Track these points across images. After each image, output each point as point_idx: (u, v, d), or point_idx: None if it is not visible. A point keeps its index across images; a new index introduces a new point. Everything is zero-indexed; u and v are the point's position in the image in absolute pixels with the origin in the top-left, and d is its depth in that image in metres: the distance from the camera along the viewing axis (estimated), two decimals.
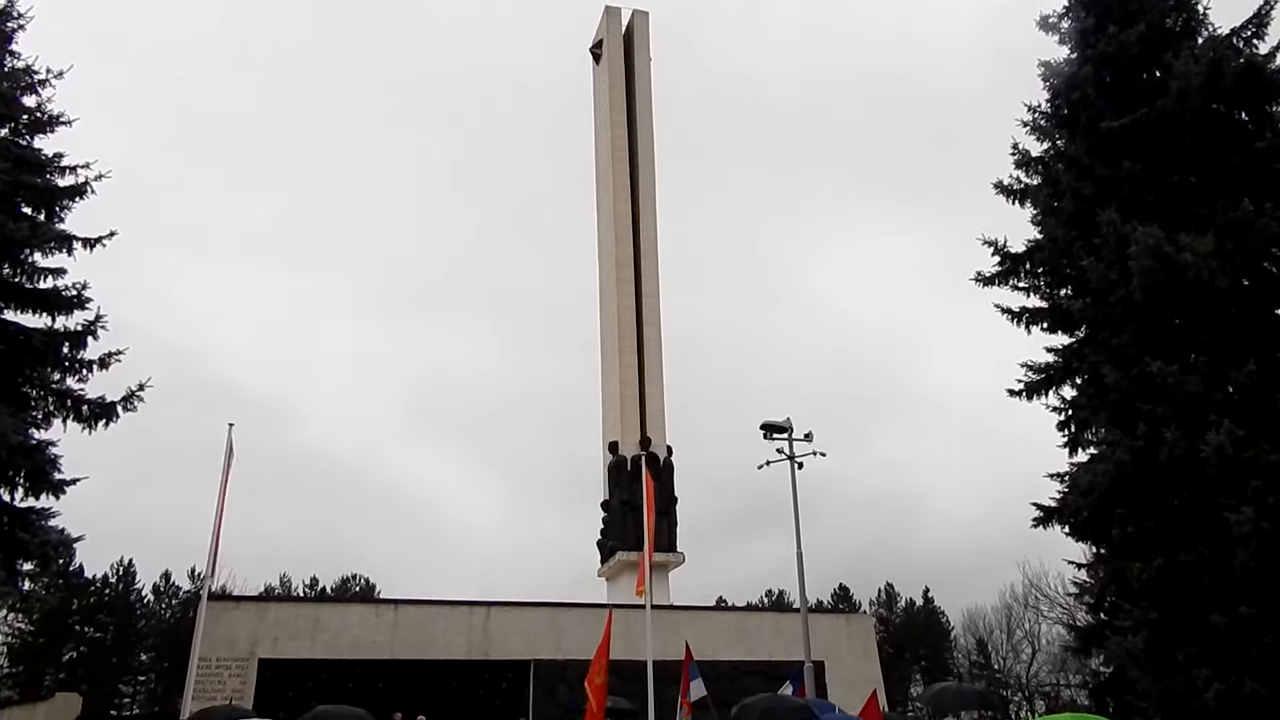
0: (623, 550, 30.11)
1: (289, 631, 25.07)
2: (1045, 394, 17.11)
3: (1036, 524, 16.84)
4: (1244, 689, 12.57)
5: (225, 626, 24.33)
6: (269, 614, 25.61)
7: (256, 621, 25.04)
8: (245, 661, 24.32)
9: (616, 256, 34.79)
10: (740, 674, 24.23)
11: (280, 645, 24.77)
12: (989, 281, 17.41)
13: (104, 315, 19.87)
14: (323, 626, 25.58)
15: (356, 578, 68.45)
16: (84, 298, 20.01)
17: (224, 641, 24.13)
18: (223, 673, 24.08)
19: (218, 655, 23.96)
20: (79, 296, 19.97)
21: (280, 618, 25.49)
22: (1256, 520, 12.57)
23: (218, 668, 24.04)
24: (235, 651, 24.25)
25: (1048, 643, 47.32)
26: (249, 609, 25.99)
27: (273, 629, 24.99)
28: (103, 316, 19.84)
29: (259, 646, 24.57)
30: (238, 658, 24.28)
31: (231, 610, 25.48)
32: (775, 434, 21.52)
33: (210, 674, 23.57)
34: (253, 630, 24.76)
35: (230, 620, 24.66)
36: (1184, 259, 13.44)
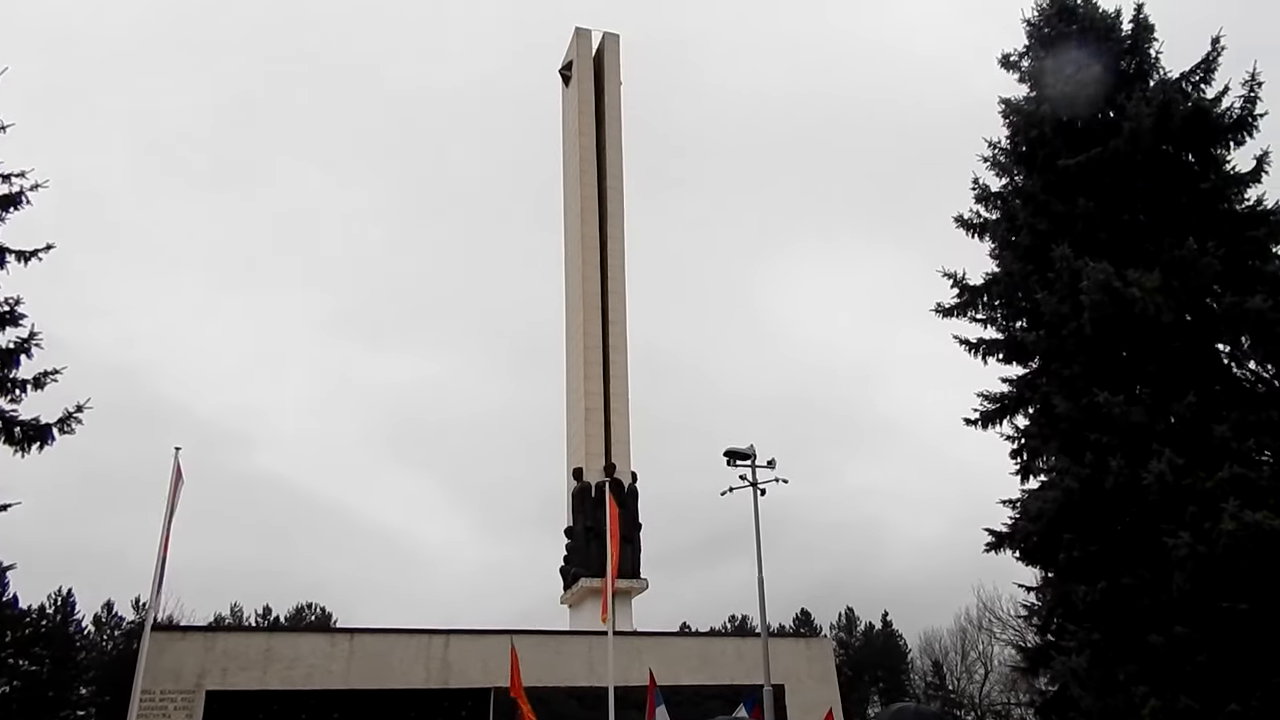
0: (586, 577, 30.39)
1: (239, 662, 24.65)
2: (1000, 423, 17.94)
3: (989, 549, 17.62)
4: (1178, 704, 13.37)
5: (170, 657, 23.79)
6: (217, 644, 25.17)
7: (204, 652, 24.53)
8: (192, 694, 23.80)
9: (583, 281, 35.22)
10: (702, 698, 24.64)
11: (230, 676, 24.35)
12: (948, 313, 18.26)
13: (39, 333, 19.51)
14: (275, 657, 25.23)
15: (312, 606, 67.64)
16: (17, 314, 19.58)
17: (169, 673, 23.59)
18: (168, 705, 23.56)
19: (162, 688, 23.41)
20: (11, 313, 19.54)
21: (229, 648, 25.07)
22: (1193, 545, 13.43)
23: (162, 700, 23.51)
24: (181, 684, 23.69)
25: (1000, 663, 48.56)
26: (196, 639, 25.50)
27: (221, 659, 24.54)
28: (37, 334, 19.48)
29: (206, 678, 24.09)
30: (184, 690, 23.74)
31: (178, 641, 24.98)
32: (738, 461, 22.07)
33: (154, 707, 23.10)
34: (200, 661, 24.24)
35: (176, 651, 24.12)
36: (1132, 294, 14.38)
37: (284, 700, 25.01)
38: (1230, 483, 13.46)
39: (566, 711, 24.05)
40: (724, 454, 21.99)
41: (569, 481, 32.97)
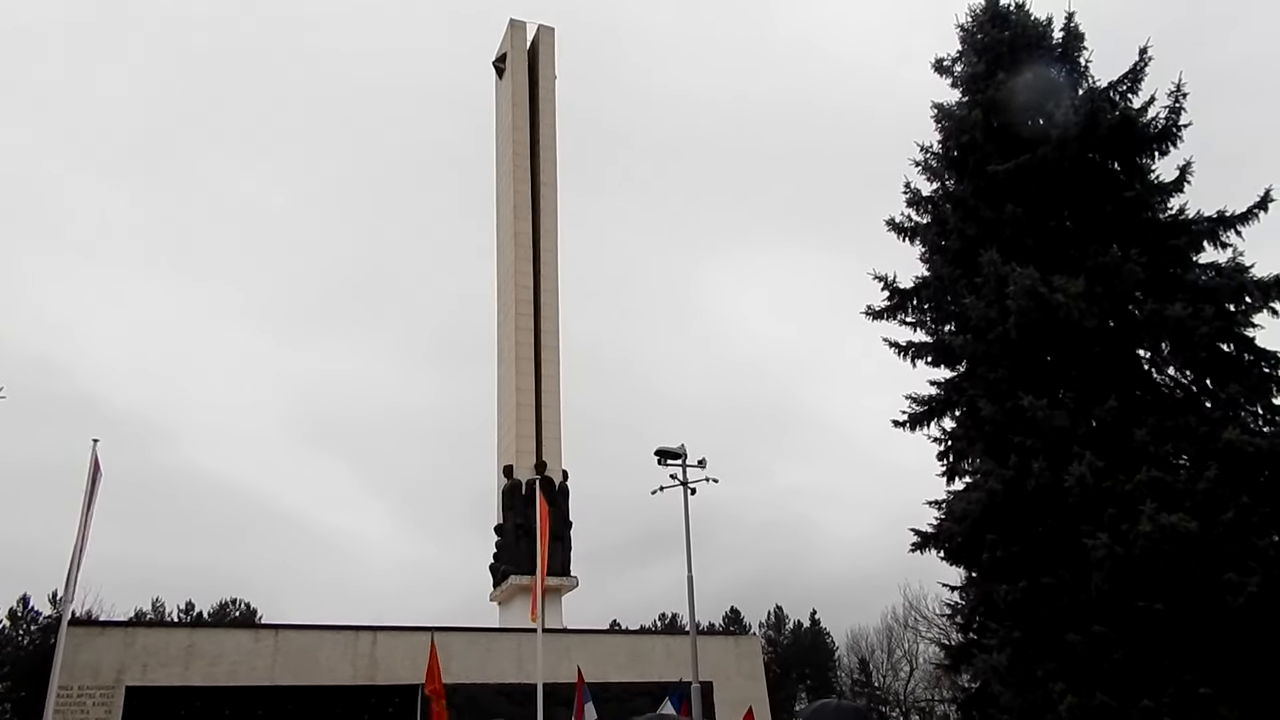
0: (516, 574, 30.13)
1: (160, 658, 24.11)
2: (927, 425, 18.03)
3: (915, 548, 17.70)
4: (1094, 701, 13.56)
5: (89, 653, 23.26)
6: (138, 640, 24.55)
7: (124, 648, 23.98)
8: (111, 690, 23.29)
9: (515, 276, 34.82)
10: (631, 695, 24.56)
11: (150, 673, 23.80)
12: (878, 315, 18.30)
13: None
14: (197, 653, 24.73)
15: (236, 603, 66.30)
16: None
17: (87, 669, 23.05)
18: (85, 701, 23.06)
19: (80, 684, 22.85)
20: None
21: (150, 644, 24.48)
22: (1111, 546, 13.62)
23: (80, 696, 22.99)
24: (100, 679, 23.18)
25: (925, 661, 49.29)
26: (115, 635, 24.80)
27: (142, 655, 24.00)
28: None
29: (126, 674, 23.58)
30: (103, 686, 23.22)
31: (96, 636, 24.30)
32: (669, 460, 22.05)
33: (72, 704, 22.55)
34: (119, 657, 23.72)
35: (95, 646, 23.57)
36: (1057, 299, 14.53)
37: (207, 697, 24.49)
38: (1148, 486, 13.67)
39: (496, 708, 23.79)
40: (655, 453, 21.96)
41: (499, 478, 32.66)
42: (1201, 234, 15.82)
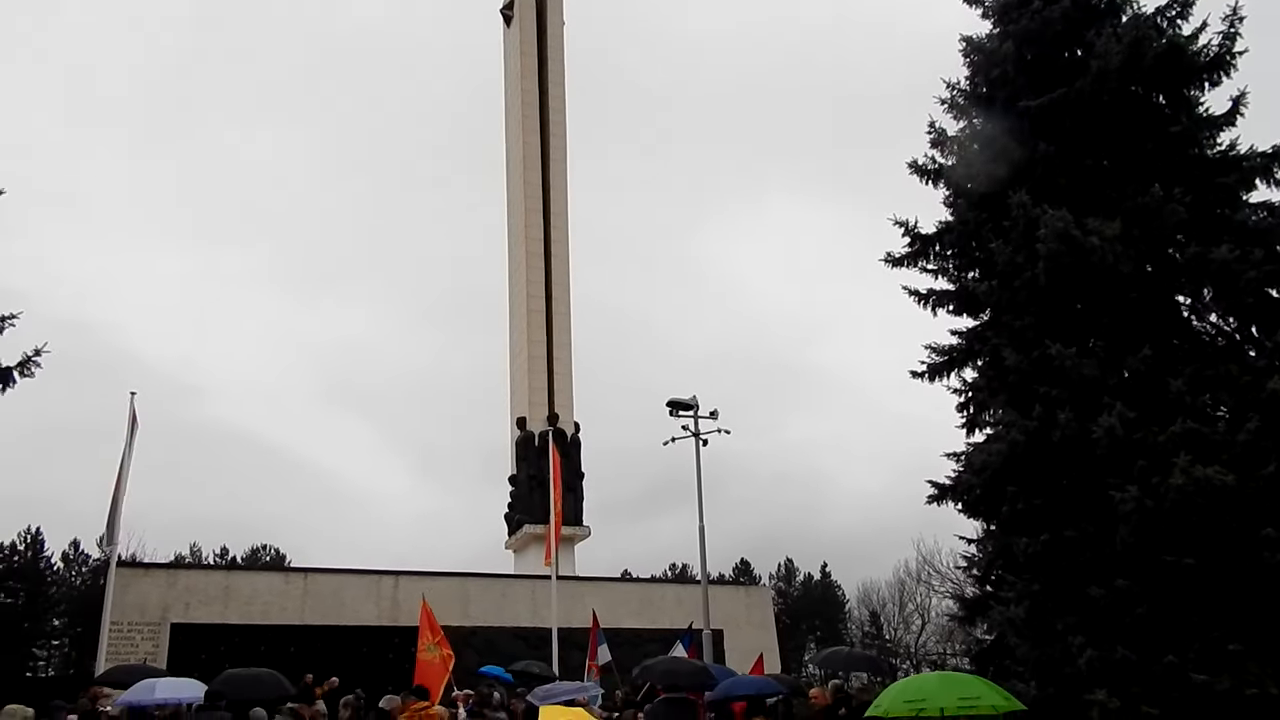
0: (530, 524, 29.57)
1: (200, 598, 24.75)
2: (947, 376, 16.75)
3: (931, 501, 16.55)
4: (1115, 655, 12.48)
5: (135, 593, 23.78)
6: (179, 581, 25.22)
7: (167, 588, 24.75)
8: (157, 626, 23.86)
9: (526, 230, 33.64)
10: (642, 641, 24.13)
11: (192, 611, 24.52)
12: (898, 262, 16.91)
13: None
14: (233, 593, 25.34)
15: (266, 548, 66.76)
16: None
17: (135, 607, 23.71)
18: (135, 636, 23.57)
19: (129, 620, 23.62)
20: None
21: (191, 584, 25.19)
22: (1140, 498, 12.43)
23: (130, 632, 23.49)
24: (147, 616, 23.79)
25: (937, 615, 48.25)
26: (159, 576, 25.54)
27: (183, 595, 24.71)
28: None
29: (170, 612, 24.22)
30: (149, 622, 23.83)
31: (141, 577, 25.01)
32: (681, 411, 21.17)
33: (123, 638, 22.96)
34: (163, 596, 24.43)
35: (140, 587, 24.17)
36: (1090, 243, 13.11)
37: (244, 633, 25.10)
38: (1182, 437, 12.40)
39: (512, 650, 23.43)
40: (667, 404, 21.08)
41: (512, 430, 31.96)
42: (1254, 170, 14.12)
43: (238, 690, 11.24)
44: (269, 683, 12.01)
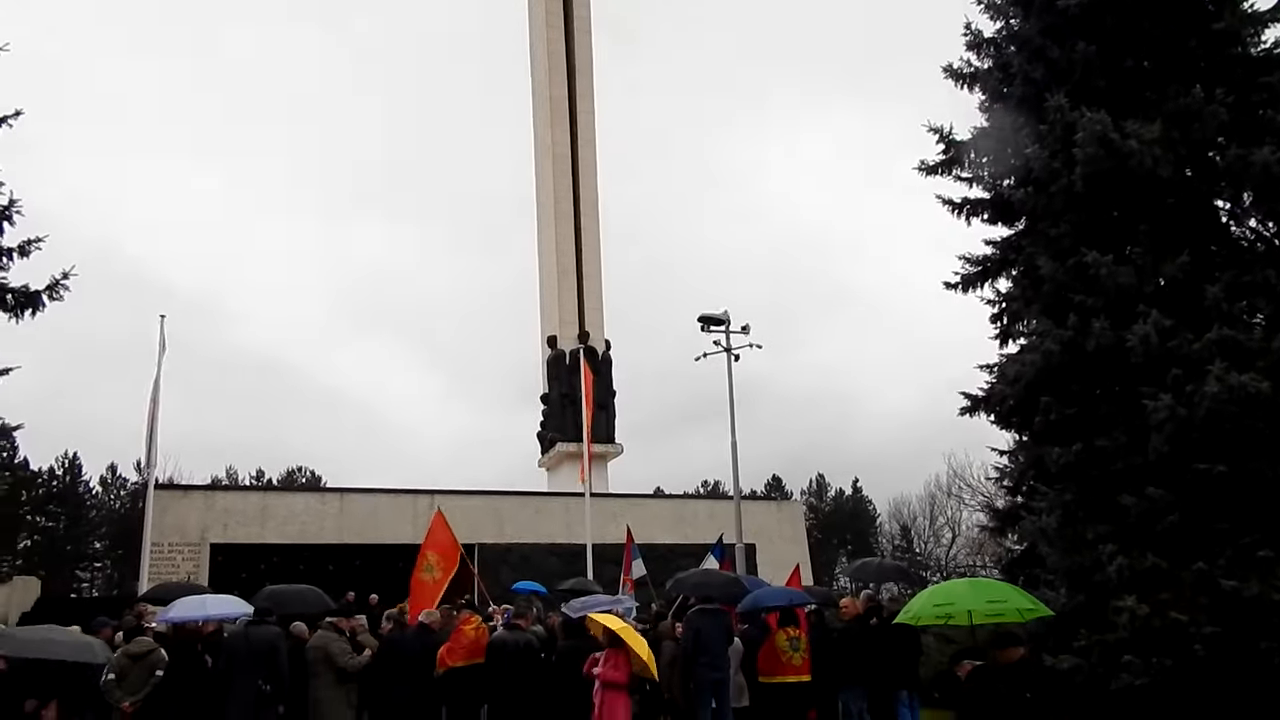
0: (562, 441, 30.01)
1: (238, 518, 25.26)
2: (980, 286, 16.71)
3: (964, 413, 16.69)
4: (1145, 563, 12.66)
5: (174, 515, 24.51)
6: (217, 502, 25.76)
7: (205, 509, 25.26)
8: (197, 546, 24.71)
9: (553, 147, 33.40)
10: (675, 556, 24.60)
11: (230, 531, 25.00)
12: (932, 170, 16.68)
13: (18, 200, 18.02)
14: (270, 513, 25.81)
15: (302, 470, 68.22)
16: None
17: (174, 528, 24.33)
18: (175, 557, 24.23)
19: (169, 541, 24.27)
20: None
21: (228, 505, 25.68)
22: (1173, 407, 12.49)
23: (170, 552, 24.18)
24: (186, 537, 24.54)
25: (967, 528, 48.80)
26: (197, 497, 26.05)
27: (222, 516, 25.21)
28: (16, 201, 17.98)
29: (209, 532, 24.86)
30: (189, 543, 24.61)
31: (180, 499, 25.54)
32: (713, 326, 21.25)
33: (164, 558, 23.58)
34: (202, 517, 24.99)
35: (179, 508, 24.79)
36: (1129, 146, 12.87)
37: (282, 552, 25.59)
38: (1218, 345, 12.39)
39: (547, 566, 24.02)
40: (698, 319, 21.16)
41: (543, 349, 32.21)
42: None
43: (283, 605, 11.64)
44: (312, 599, 12.44)
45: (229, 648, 10.33)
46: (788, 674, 11.82)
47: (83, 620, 11.89)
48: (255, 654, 10.14)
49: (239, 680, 9.99)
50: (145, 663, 10.40)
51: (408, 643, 10.99)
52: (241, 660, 10.10)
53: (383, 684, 10.64)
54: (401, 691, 10.57)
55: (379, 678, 10.68)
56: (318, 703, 10.29)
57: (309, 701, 10.30)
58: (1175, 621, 12.14)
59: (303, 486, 58.14)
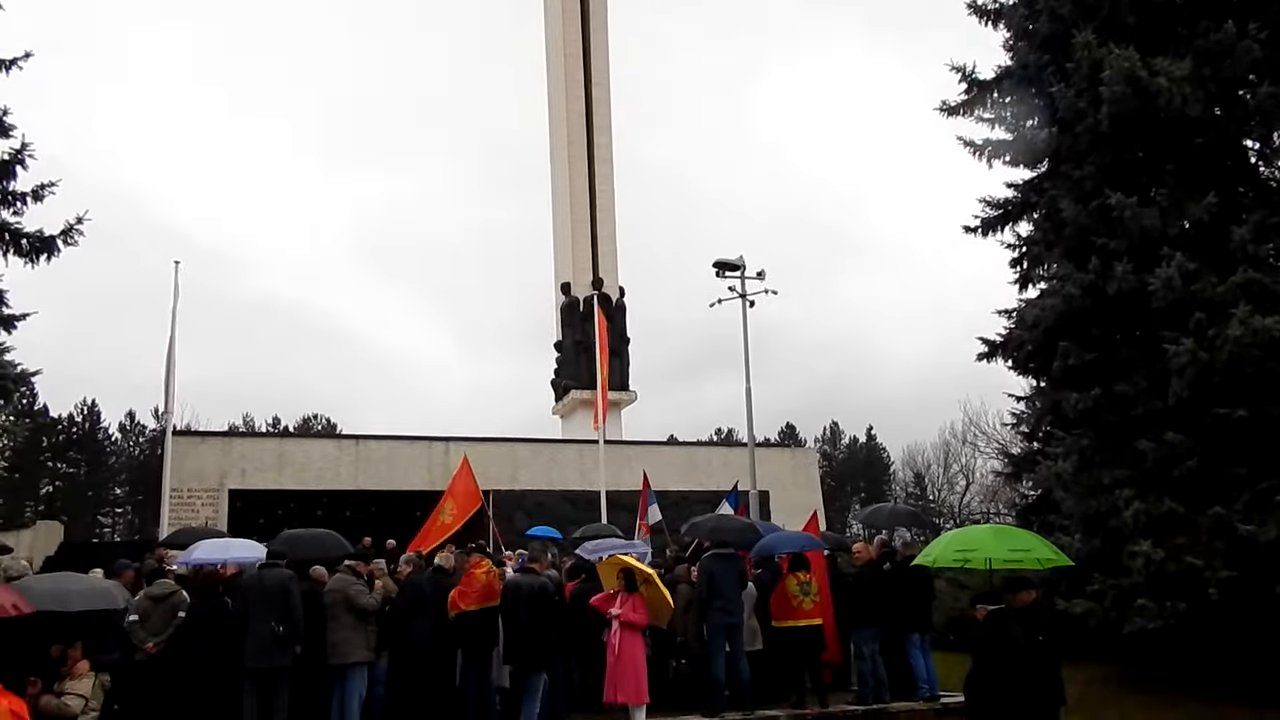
0: (576, 389, 30.08)
1: (255, 464, 25.48)
2: (1001, 230, 16.57)
3: (981, 358, 16.68)
4: (1162, 508, 12.71)
5: (193, 460, 24.72)
6: (234, 448, 25.95)
7: (223, 455, 25.47)
8: (216, 492, 24.85)
9: (566, 90, 32.91)
10: (689, 503, 24.65)
11: (248, 477, 25.27)
12: (954, 111, 16.43)
13: (30, 143, 17.83)
14: (288, 460, 26.01)
15: (318, 417, 68.74)
16: (6, 124, 17.89)
17: (193, 474, 24.58)
18: (195, 502, 24.42)
19: (188, 486, 24.47)
20: (0, 123, 17.87)
21: (246, 451, 25.89)
22: (1195, 351, 12.40)
23: (189, 498, 24.34)
24: (205, 483, 24.82)
25: (981, 475, 48.81)
26: (215, 443, 26.27)
27: (239, 462, 25.43)
28: (29, 144, 17.79)
29: (228, 478, 25.13)
30: (208, 489, 24.89)
31: (198, 445, 25.78)
32: (728, 271, 21.09)
33: (183, 504, 23.80)
34: (220, 463, 25.22)
35: (198, 454, 25.01)
36: (1157, 84, 12.58)
37: (300, 498, 25.81)
38: (1243, 288, 12.23)
39: (561, 513, 24.22)
40: (713, 265, 20.96)
41: (557, 296, 32.13)
42: None
43: (300, 549, 11.68)
44: (330, 543, 12.41)
45: (244, 590, 10.47)
46: (798, 618, 11.93)
47: (105, 564, 12.09)
48: (269, 596, 10.25)
49: (255, 622, 10.13)
50: (167, 604, 10.59)
51: (425, 585, 11.07)
52: (256, 602, 10.23)
53: (401, 625, 10.77)
54: (419, 632, 10.70)
55: (397, 619, 10.82)
56: (336, 644, 10.43)
57: (327, 644, 10.44)
58: (1190, 566, 12.19)
59: (320, 433, 58.56)
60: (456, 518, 15.18)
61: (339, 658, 10.43)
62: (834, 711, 11.84)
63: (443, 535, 14.88)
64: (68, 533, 30.68)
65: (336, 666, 10.49)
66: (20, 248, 18.17)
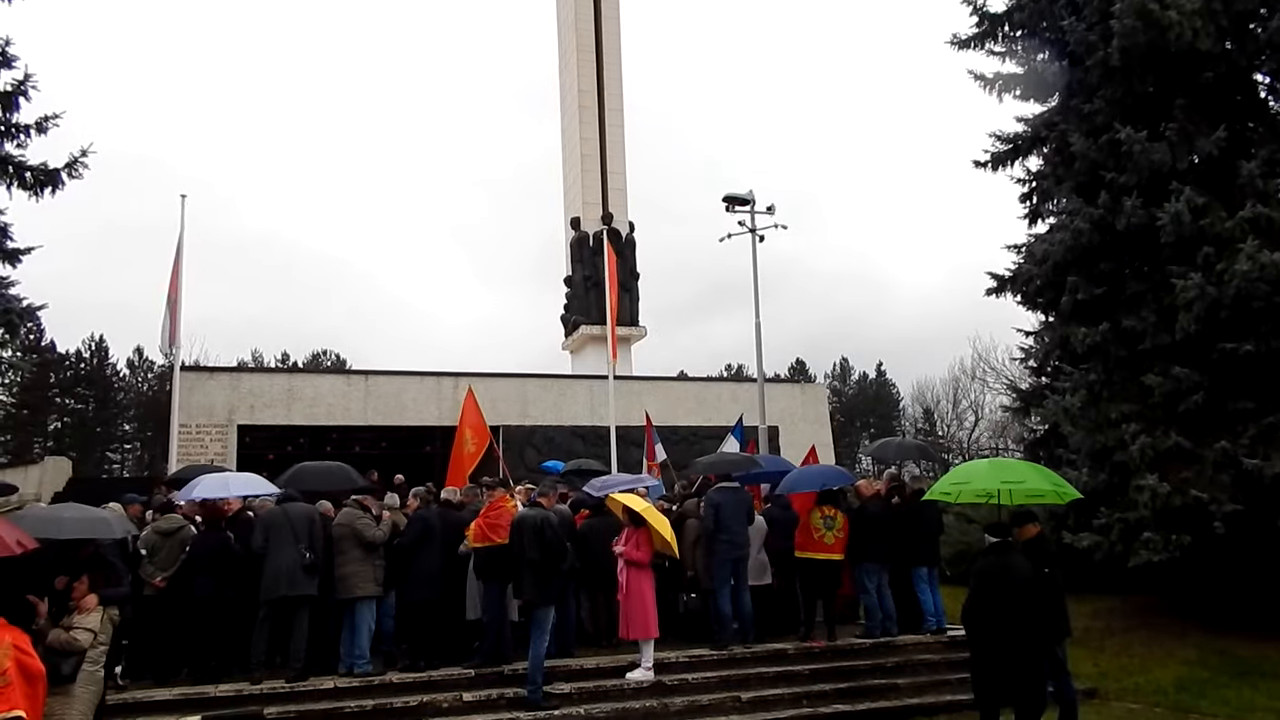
0: (586, 324, 30.20)
1: (264, 400, 25.44)
2: (1011, 165, 16.59)
3: (989, 294, 16.81)
4: (1168, 442, 12.94)
5: (201, 395, 24.65)
6: (243, 384, 25.85)
7: (231, 391, 25.37)
8: (225, 427, 24.82)
9: (576, 23, 32.61)
10: (699, 438, 24.98)
11: (257, 412, 25.21)
12: (964, 45, 16.35)
13: (34, 74, 17.70)
14: (296, 395, 25.96)
15: (327, 353, 68.95)
16: (9, 55, 17.74)
17: (202, 409, 24.51)
18: (204, 438, 24.52)
19: (197, 422, 24.42)
20: (3, 54, 17.73)
21: (254, 387, 25.80)
22: (1203, 286, 12.56)
23: (199, 433, 24.44)
24: (214, 418, 24.73)
25: (990, 411, 49.18)
26: (223, 379, 26.15)
27: (248, 397, 25.37)
28: (32, 75, 17.68)
29: (236, 414, 25.03)
30: (217, 424, 24.79)
31: (206, 380, 25.65)
32: (737, 206, 21.12)
33: (192, 439, 23.95)
34: (228, 399, 25.15)
35: (206, 389, 24.92)
36: (1169, 18, 12.54)
37: (309, 434, 25.82)
38: (1251, 222, 12.35)
39: (572, 448, 24.44)
40: (723, 199, 20.99)
41: (567, 232, 32.12)
42: None
43: (308, 482, 11.72)
44: (338, 476, 12.21)
45: (268, 523, 10.58)
46: (819, 550, 12.08)
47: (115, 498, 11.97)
48: (295, 527, 10.48)
49: (283, 551, 10.33)
50: (176, 539, 10.78)
51: (433, 518, 11.12)
52: (281, 533, 10.42)
53: (409, 559, 10.85)
54: (427, 566, 10.80)
55: (405, 553, 10.87)
56: (343, 578, 10.52)
57: (334, 578, 10.53)
58: (1196, 500, 12.49)
59: (328, 369, 58.81)
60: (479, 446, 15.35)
61: (346, 592, 10.53)
62: (841, 645, 12.05)
63: (472, 464, 14.94)
64: (76, 469, 31.07)
65: (344, 600, 10.57)
66: (24, 180, 18.09)
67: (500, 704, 10.04)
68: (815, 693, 10.98)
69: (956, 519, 17.68)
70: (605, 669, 10.94)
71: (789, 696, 10.84)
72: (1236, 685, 11.46)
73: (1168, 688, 11.65)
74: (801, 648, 11.92)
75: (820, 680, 11.26)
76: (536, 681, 10.00)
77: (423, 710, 9.88)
